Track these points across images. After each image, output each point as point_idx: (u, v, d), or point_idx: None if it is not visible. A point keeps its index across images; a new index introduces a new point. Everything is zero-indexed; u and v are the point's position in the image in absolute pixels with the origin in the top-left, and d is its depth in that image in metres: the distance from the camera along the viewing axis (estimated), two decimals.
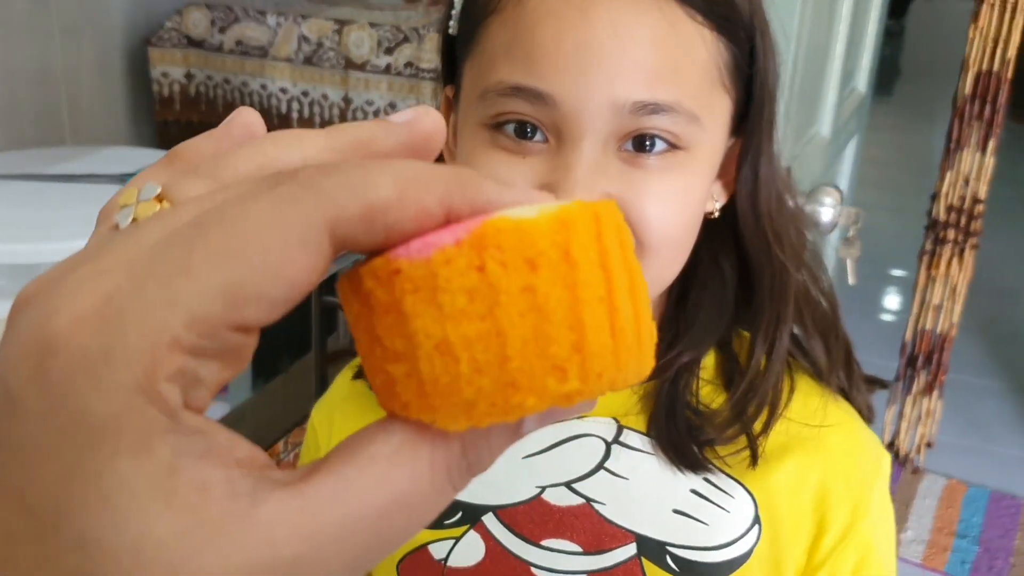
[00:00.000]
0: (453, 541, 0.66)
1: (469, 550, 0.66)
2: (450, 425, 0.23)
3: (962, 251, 2.19)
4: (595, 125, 0.56)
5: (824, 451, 0.66)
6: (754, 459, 0.65)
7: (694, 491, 0.65)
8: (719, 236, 0.67)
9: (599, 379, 0.22)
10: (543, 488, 0.67)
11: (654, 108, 0.56)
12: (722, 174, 0.65)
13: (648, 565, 0.65)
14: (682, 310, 0.69)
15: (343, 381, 0.76)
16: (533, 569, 0.66)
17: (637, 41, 0.56)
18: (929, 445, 2.36)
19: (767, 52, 0.62)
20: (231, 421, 1.12)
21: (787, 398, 0.66)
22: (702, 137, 0.59)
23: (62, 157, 1.27)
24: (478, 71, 0.60)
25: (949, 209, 2.15)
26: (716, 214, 0.65)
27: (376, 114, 1.42)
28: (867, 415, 0.71)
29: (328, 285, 1.24)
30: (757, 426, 0.65)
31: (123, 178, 1.18)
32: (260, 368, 1.17)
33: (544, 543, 0.66)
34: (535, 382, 0.22)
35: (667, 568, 0.65)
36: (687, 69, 0.58)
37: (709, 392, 0.68)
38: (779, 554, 0.66)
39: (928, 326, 2.27)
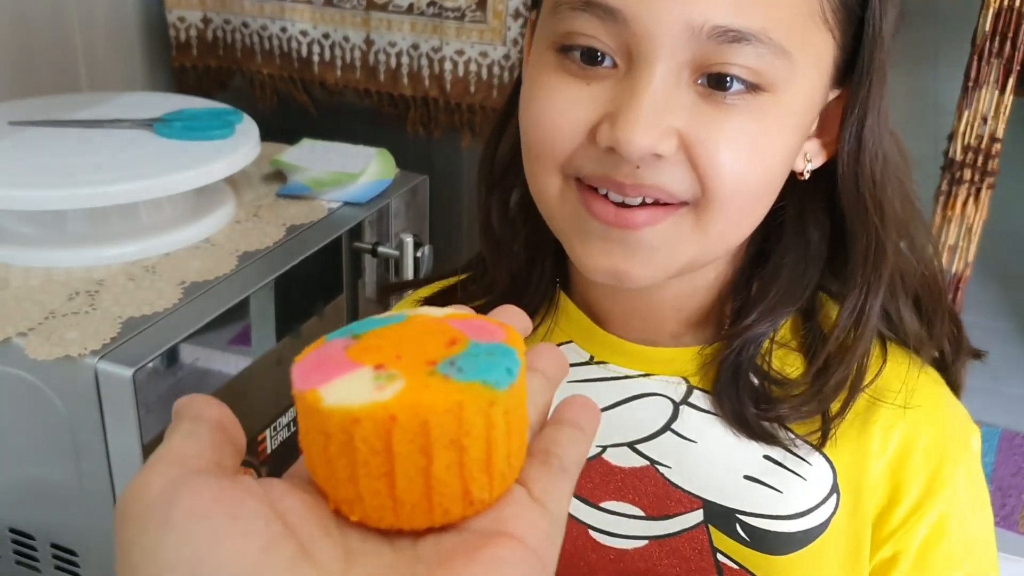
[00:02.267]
0: None
1: None
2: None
3: (978, 191, 2.17)
4: (668, 49, 0.51)
5: (907, 419, 0.62)
6: (823, 440, 0.61)
7: (767, 456, 0.62)
8: (810, 197, 0.62)
9: (380, 520, 0.31)
10: (604, 447, 0.64)
11: (736, 36, 0.50)
12: (822, 132, 0.59)
13: (716, 533, 0.62)
14: (758, 274, 0.64)
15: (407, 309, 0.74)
16: (592, 532, 0.63)
17: None
18: None
19: None
20: (256, 371, 1.11)
21: (874, 375, 0.62)
22: (792, 77, 0.53)
23: (81, 103, 1.25)
24: None
25: (966, 149, 2.13)
26: (806, 175, 0.60)
27: (398, 56, 1.40)
28: (958, 388, 0.67)
29: (356, 231, 1.23)
30: (835, 406, 0.61)
31: (149, 123, 1.16)
32: (289, 314, 1.16)
33: (604, 505, 0.63)
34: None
35: (736, 537, 0.61)
36: None
37: (783, 356, 0.63)
38: (859, 527, 0.62)
39: (943, 267, 2.26)
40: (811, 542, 0.61)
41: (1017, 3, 1.98)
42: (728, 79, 0.52)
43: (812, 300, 0.65)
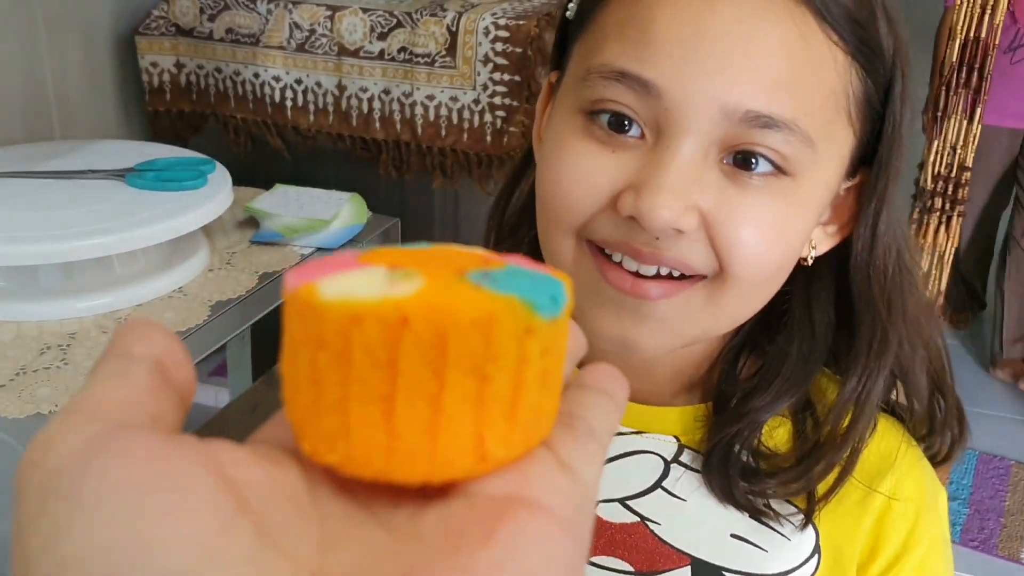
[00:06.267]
0: None
1: None
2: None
3: (949, 219, 2.20)
4: (699, 126, 0.51)
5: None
6: (806, 521, 0.62)
7: (754, 516, 0.63)
8: (816, 285, 0.63)
9: (366, 464, 0.24)
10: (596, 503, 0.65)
11: (767, 122, 0.51)
12: (829, 220, 0.60)
13: None
14: (762, 359, 0.65)
15: None
16: None
17: (762, 44, 0.51)
18: None
19: (904, 98, 0.56)
20: (231, 418, 1.12)
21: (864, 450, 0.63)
22: (814, 164, 0.54)
23: (54, 153, 1.26)
24: (586, 50, 0.56)
25: (936, 178, 2.17)
26: (809, 261, 0.60)
27: (370, 101, 1.41)
28: (940, 461, 0.68)
29: None
30: (822, 488, 0.61)
31: (121, 173, 1.17)
32: (265, 361, 1.16)
33: (594, 560, 0.63)
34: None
35: None
36: (811, 87, 0.52)
37: (774, 426, 0.64)
38: None
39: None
40: None
41: (983, 34, 2.02)
42: (754, 159, 0.52)
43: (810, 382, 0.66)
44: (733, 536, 0.63)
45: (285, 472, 0.24)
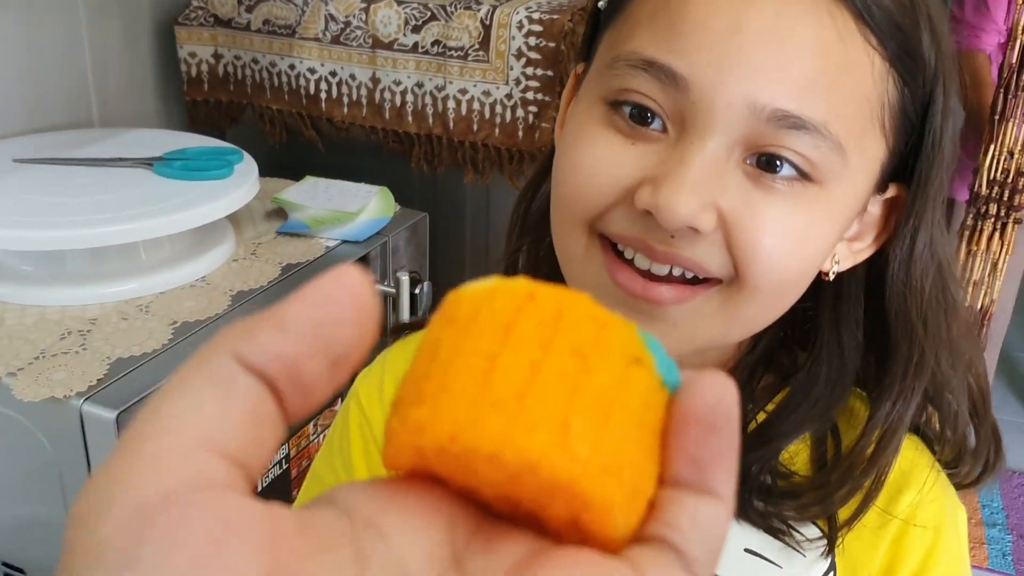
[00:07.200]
0: None
1: None
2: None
3: (1004, 226, 2.13)
4: (726, 123, 0.49)
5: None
6: (830, 549, 0.59)
7: (769, 532, 0.60)
8: (845, 306, 0.60)
9: (450, 417, 0.24)
10: None
11: (796, 123, 0.49)
12: (855, 238, 0.58)
13: None
14: (778, 375, 0.62)
15: (401, 352, 0.71)
16: None
17: (798, 42, 0.49)
18: None
19: (945, 113, 0.53)
20: None
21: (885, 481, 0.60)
22: (843, 173, 0.51)
23: (90, 140, 1.27)
24: (615, 39, 0.54)
25: (992, 183, 2.10)
26: (831, 277, 0.58)
27: (403, 94, 1.41)
28: (967, 486, 0.65)
29: None
30: (844, 512, 0.59)
31: (149, 162, 1.18)
32: None
33: None
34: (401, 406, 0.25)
35: None
36: (846, 91, 0.50)
37: (797, 448, 0.62)
38: None
39: (967, 302, 2.22)
40: None
41: None
42: (779, 162, 0.50)
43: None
44: (747, 551, 0.60)
45: (433, 536, 0.24)
